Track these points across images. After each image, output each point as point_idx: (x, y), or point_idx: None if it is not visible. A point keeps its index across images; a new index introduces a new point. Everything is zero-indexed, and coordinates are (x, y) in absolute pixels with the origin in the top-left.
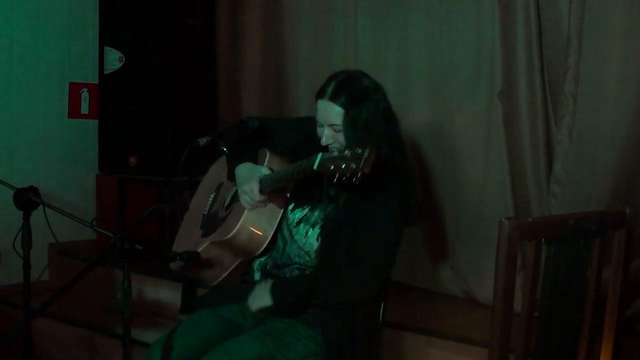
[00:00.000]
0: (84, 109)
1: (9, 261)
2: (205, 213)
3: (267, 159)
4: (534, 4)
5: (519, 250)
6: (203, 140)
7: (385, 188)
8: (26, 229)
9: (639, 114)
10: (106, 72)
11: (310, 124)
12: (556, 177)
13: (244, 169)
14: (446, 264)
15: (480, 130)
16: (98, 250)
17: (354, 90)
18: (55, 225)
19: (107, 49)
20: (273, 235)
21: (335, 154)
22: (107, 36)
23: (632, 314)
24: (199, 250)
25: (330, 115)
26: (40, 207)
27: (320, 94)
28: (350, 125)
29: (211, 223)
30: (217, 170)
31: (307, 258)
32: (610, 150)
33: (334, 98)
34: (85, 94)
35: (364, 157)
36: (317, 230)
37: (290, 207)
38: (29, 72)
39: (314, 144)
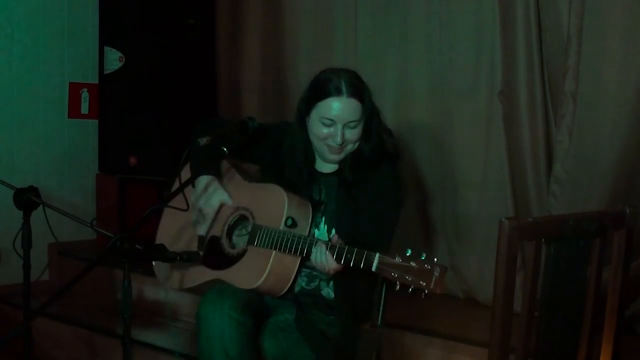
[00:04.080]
0: (84, 109)
1: (9, 261)
2: (203, 234)
3: (285, 205)
4: (534, 4)
5: (519, 250)
6: (203, 141)
7: (380, 172)
8: (26, 229)
9: (639, 114)
10: (106, 72)
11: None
12: (556, 177)
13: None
14: (446, 264)
15: (480, 130)
16: (98, 250)
17: (363, 84)
18: (55, 225)
19: (107, 49)
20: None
21: (398, 260)
22: (107, 36)
23: (632, 314)
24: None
25: (350, 111)
26: (40, 207)
27: (335, 92)
28: (369, 118)
29: (215, 254)
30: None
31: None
32: (610, 150)
33: (353, 94)
34: (85, 94)
35: (434, 275)
36: (323, 230)
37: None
38: (29, 72)
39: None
